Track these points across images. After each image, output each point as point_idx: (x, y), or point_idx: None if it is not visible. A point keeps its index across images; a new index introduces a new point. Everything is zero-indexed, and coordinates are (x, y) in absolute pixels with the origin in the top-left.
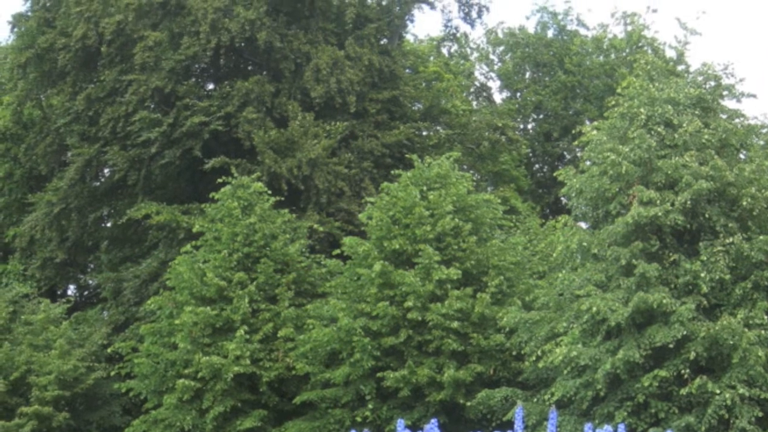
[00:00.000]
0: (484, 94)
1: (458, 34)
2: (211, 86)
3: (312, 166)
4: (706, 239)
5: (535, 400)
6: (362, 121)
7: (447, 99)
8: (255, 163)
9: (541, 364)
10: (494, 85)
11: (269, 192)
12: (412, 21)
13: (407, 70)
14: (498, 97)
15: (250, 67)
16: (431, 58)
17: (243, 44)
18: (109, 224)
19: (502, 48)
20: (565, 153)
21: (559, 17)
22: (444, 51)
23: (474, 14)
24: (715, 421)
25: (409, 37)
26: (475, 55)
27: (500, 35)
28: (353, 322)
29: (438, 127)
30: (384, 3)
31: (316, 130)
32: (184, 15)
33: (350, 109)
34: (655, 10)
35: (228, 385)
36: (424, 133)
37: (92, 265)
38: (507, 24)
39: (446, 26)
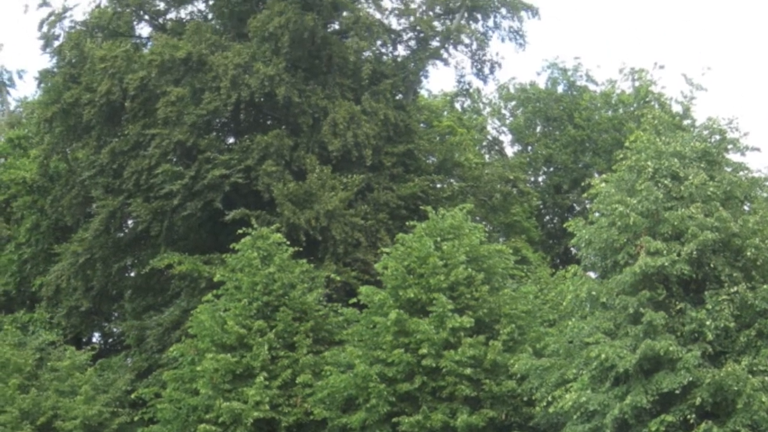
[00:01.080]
0: (496, 147)
1: (471, 90)
2: (231, 140)
3: (329, 218)
4: (711, 288)
5: None
6: (378, 174)
7: (460, 152)
8: (274, 215)
9: (551, 410)
10: (506, 138)
11: (288, 243)
12: (426, 77)
13: (422, 125)
14: (510, 151)
15: (269, 122)
16: (445, 113)
17: (262, 99)
18: (132, 274)
19: (513, 103)
20: (574, 205)
21: (569, 73)
22: (457, 106)
23: (486, 70)
24: None
25: (423, 92)
26: (488, 109)
27: (512, 90)
28: (369, 369)
29: (451, 180)
30: (399, 59)
31: (333, 182)
32: (205, 71)
33: (366, 162)
34: (662, 67)
35: (248, 430)
36: (438, 186)
37: (116, 314)
38: (518, 79)
39: (459, 82)
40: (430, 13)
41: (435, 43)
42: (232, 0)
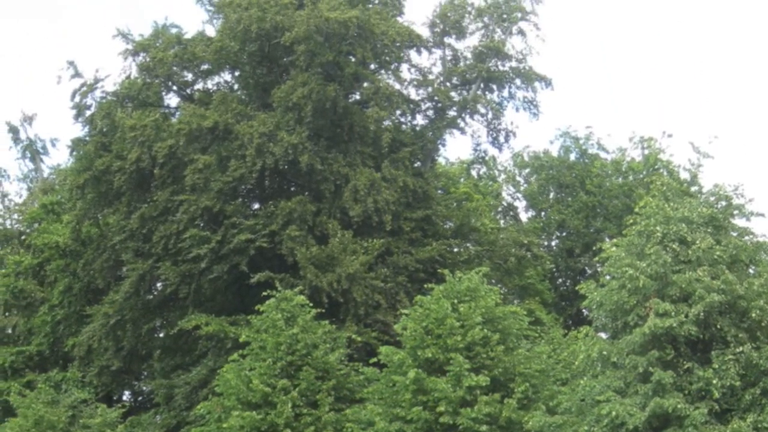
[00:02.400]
0: (511, 213)
1: (487, 157)
2: (256, 206)
3: (351, 281)
4: (717, 348)
5: None
6: (397, 239)
7: (476, 218)
8: (297, 278)
9: None
10: (520, 204)
11: (311, 304)
12: (444, 145)
13: (439, 191)
14: (524, 216)
15: (292, 188)
16: (461, 180)
17: (286, 166)
18: (161, 334)
19: (527, 170)
20: (586, 268)
21: (581, 141)
22: (473, 173)
23: (501, 139)
24: None
25: (441, 160)
26: (503, 176)
27: (526, 158)
28: (389, 426)
29: (468, 244)
30: (418, 128)
31: (354, 246)
32: (231, 140)
33: (386, 227)
34: (670, 135)
35: None
36: (455, 250)
37: (146, 373)
38: (532, 148)
39: (476, 150)
40: (448, 83)
41: (452, 113)
42: (256, 71)
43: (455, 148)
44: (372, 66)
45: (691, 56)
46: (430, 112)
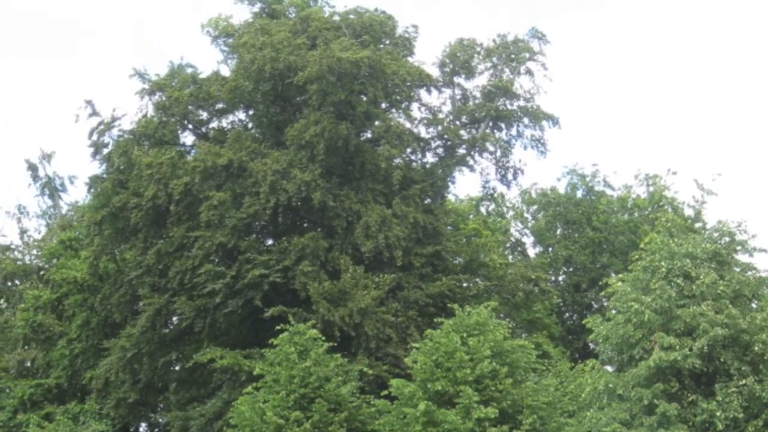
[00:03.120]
0: (519, 249)
1: (495, 194)
2: (270, 242)
3: (362, 315)
4: (721, 381)
5: None
6: (408, 274)
7: (485, 253)
8: (310, 312)
9: None
10: (528, 240)
11: (323, 338)
12: (453, 182)
13: (449, 227)
14: (531, 252)
15: (305, 224)
16: (471, 216)
17: (299, 203)
18: (177, 367)
19: (535, 207)
20: (592, 302)
21: (587, 179)
22: (482, 209)
23: (510, 176)
24: None
25: (450, 196)
26: (511, 213)
27: (533, 195)
28: None
29: (477, 279)
30: (428, 166)
31: (365, 281)
32: (245, 177)
33: (397, 263)
34: (675, 173)
35: None
36: (465, 285)
37: (162, 405)
38: (540, 185)
39: (484, 187)
40: (457, 122)
41: (461, 151)
42: (270, 110)
43: (464, 185)
44: (383, 105)
45: (696, 95)
46: (440, 150)
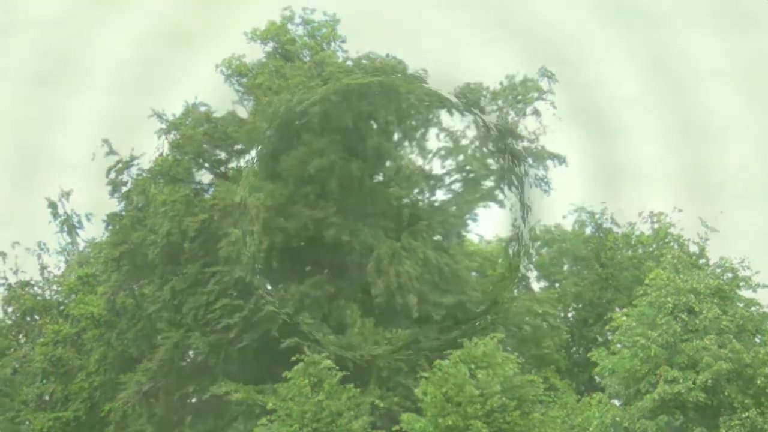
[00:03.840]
0: (523, 283)
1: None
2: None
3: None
4: (725, 414)
5: None
6: (425, 326)
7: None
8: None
9: None
10: (531, 275)
11: (337, 368)
12: (475, 220)
13: (474, 273)
14: (535, 286)
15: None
16: (500, 261)
17: (303, 243)
18: (193, 400)
19: (537, 243)
20: (597, 336)
21: (596, 216)
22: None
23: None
24: None
25: (473, 236)
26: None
27: (537, 232)
28: None
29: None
30: (436, 204)
31: (376, 338)
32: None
33: (413, 314)
34: (680, 210)
35: None
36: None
37: None
38: (543, 221)
39: (514, 226)
40: (484, 149)
41: (488, 183)
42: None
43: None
44: (396, 134)
45: (701, 132)
46: (457, 185)
